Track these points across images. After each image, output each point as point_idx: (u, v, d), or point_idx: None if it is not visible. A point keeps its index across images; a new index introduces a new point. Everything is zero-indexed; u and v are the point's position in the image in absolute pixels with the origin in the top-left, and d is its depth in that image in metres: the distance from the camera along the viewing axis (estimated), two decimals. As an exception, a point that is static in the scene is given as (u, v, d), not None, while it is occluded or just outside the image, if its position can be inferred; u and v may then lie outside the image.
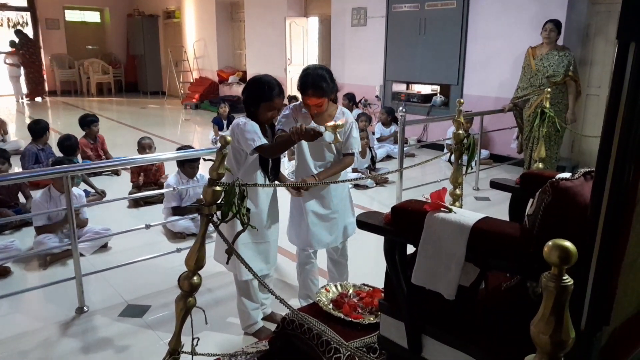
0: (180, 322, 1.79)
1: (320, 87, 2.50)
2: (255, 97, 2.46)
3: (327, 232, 2.75)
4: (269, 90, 2.45)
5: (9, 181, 3.89)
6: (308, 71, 2.58)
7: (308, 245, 2.76)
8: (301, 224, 2.74)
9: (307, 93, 2.52)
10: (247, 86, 2.52)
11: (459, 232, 1.33)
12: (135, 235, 3.78)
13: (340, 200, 2.77)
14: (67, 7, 14.32)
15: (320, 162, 2.70)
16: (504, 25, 6.57)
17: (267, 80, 2.48)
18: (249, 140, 2.35)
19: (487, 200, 5.19)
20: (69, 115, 11.06)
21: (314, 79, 2.51)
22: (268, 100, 2.44)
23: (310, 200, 2.70)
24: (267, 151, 2.41)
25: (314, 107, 2.57)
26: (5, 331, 2.80)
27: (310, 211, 2.70)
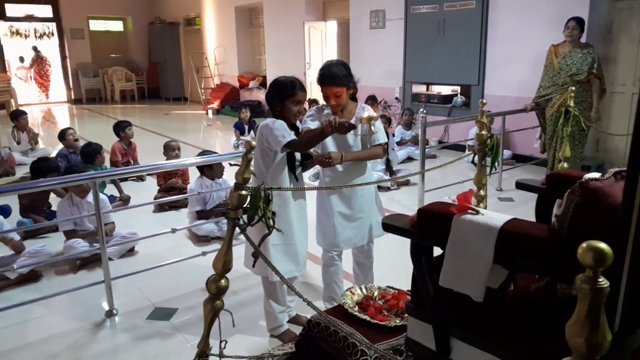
0: (208, 324, 1.81)
1: (336, 75, 2.56)
2: (280, 96, 2.52)
3: (354, 232, 2.76)
4: (291, 86, 2.52)
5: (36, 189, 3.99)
6: (325, 64, 2.69)
7: (335, 245, 2.77)
8: (327, 225, 2.76)
9: (325, 82, 2.58)
10: (270, 89, 2.58)
11: (487, 234, 1.32)
12: (161, 239, 3.85)
13: (367, 200, 2.78)
14: (91, 17, 14.65)
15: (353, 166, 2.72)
16: (524, 24, 6.49)
17: (286, 78, 2.57)
18: (278, 137, 2.39)
19: (511, 201, 5.14)
20: (94, 122, 11.31)
21: (330, 69, 2.60)
22: (292, 95, 2.50)
23: (337, 201, 2.72)
24: (298, 146, 2.45)
25: (333, 97, 2.59)
26: (36, 334, 2.88)
27: (337, 211, 2.71)
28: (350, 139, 2.68)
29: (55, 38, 14.39)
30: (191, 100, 13.62)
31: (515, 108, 5.84)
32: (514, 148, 6.84)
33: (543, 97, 5.23)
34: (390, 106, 8.35)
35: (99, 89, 14.74)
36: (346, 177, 2.72)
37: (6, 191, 3.39)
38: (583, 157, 5.22)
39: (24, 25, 14.01)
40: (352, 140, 2.69)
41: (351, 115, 2.69)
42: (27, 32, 14.13)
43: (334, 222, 2.71)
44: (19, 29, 13.96)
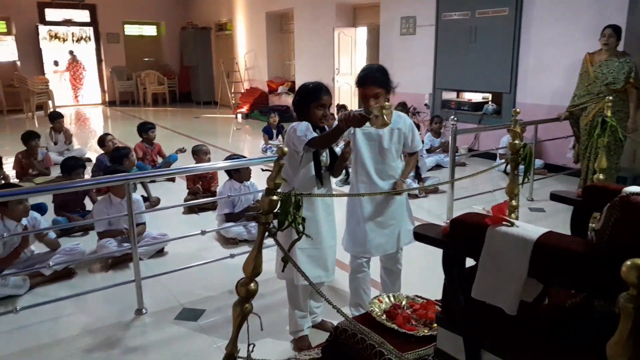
0: (237, 327, 1.82)
1: (377, 76, 2.57)
2: (304, 100, 2.56)
3: (385, 239, 2.75)
4: (315, 90, 2.55)
5: (74, 188, 4.12)
6: (365, 67, 2.70)
7: (366, 252, 2.77)
8: (358, 231, 2.75)
9: (366, 82, 2.56)
10: (296, 94, 2.64)
11: (522, 247, 1.30)
12: (190, 240, 3.91)
13: (398, 207, 2.78)
14: (126, 21, 15.02)
15: (380, 165, 2.71)
16: (559, 32, 6.37)
17: (311, 83, 2.61)
18: (301, 137, 2.41)
19: (542, 212, 5.03)
20: (126, 124, 11.57)
21: (372, 70, 2.62)
22: (316, 99, 2.53)
23: (369, 207, 2.71)
24: (318, 142, 2.45)
25: (373, 98, 2.57)
26: (69, 330, 2.95)
27: (368, 218, 2.71)
28: (385, 142, 2.67)
29: (92, 42, 14.80)
30: (221, 104, 13.80)
31: (548, 117, 5.73)
32: (545, 157, 6.70)
33: (577, 106, 5.12)
34: (420, 113, 8.29)
35: (132, 91, 15.09)
36: (380, 184, 2.71)
37: (44, 191, 3.51)
38: (619, 168, 5.09)
39: (62, 30, 14.46)
40: (386, 144, 2.68)
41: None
42: (65, 36, 14.58)
43: (365, 228, 2.71)
44: (57, 32, 14.41)
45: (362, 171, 2.72)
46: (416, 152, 2.89)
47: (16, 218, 3.44)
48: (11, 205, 3.38)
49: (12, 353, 2.71)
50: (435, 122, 7.10)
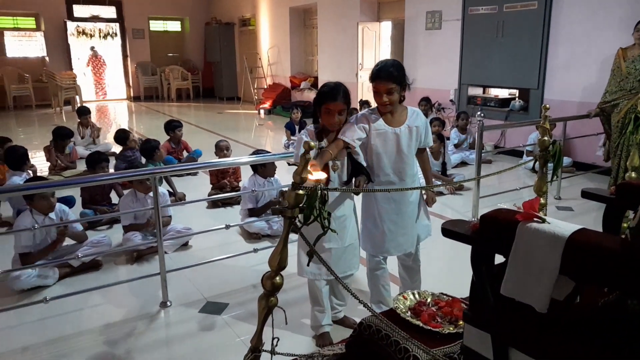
0: (262, 320, 1.83)
1: (390, 71, 2.51)
2: (316, 101, 2.54)
3: (404, 239, 2.73)
4: (325, 95, 2.48)
5: (102, 182, 4.19)
6: (381, 61, 2.65)
7: (385, 251, 2.74)
8: (376, 232, 2.72)
9: (378, 77, 2.53)
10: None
11: (553, 244, 1.27)
12: (213, 234, 3.94)
13: (414, 204, 2.75)
14: (151, 17, 15.20)
15: (398, 164, 2.66)
16: (590, 26, 6.21)
17: (326, 85, 2.54)
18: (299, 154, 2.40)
19: (570, 210, 4.92)
20: (151, 119, 11.73)
21: (385, 65, 2.56)
22: (324, 102, 2.48)
23: (387, 207, 2.68)
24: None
25: (385, 94, 2.53)
26: (95, 321, 3.00)
27: (387, 217, 2.68)
28: (404, 141, 2.62)
29: (118, 38, 15.03)
30: (244, 100, 13.88)
31: (577, 114, 5.60)
32: (574, 155, 6.56)
33: (609, 102, 4.98)
34: (445, 109, 8.20)
35: (157, 87, 15.27)
36: (399, 184, 2.68)
37: (71, 184, 3.58)
38: (651, 167, 4.94)
39: (89, 26, 14.72)
40: (405, 143, 2.63)
41: (402, 121, 2.63)
42: (92, 32, 14.84)
43: (383, 229, 2.68)
44: (84, 28, 14.68)
45: (379, 171, 2.66)
46: (426, 148, 2.84)
47: (42, 212, 3.51)
48: (36, 200, 3.45)
49: (41, 342, 2.77)
50: (461, 119, 7.00)
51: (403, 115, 2.65)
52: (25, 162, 4.72)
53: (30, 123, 11.21)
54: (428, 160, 2.90)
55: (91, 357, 2.64)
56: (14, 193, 3.92)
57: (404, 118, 2.64)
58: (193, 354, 2.65)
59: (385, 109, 2.60)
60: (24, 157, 4.69)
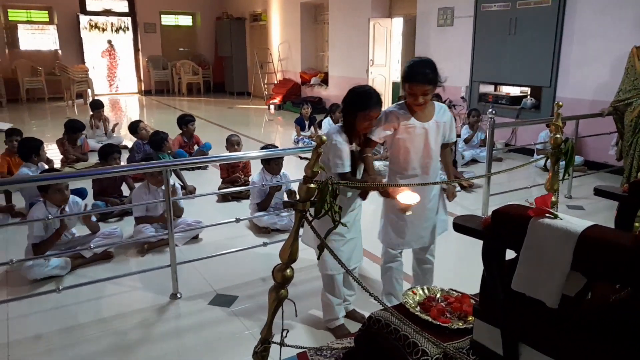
0: (272, 312, 1.84)
1: (429, 73, 2.49)
2: (353, 106, 2.51)
3: (425, 232, 2.75)
4: (366, 99, 2.48)
5: (114, 174, 4.24)
6: (415, 59, 2.59)
7: (406, 244, 2.75)
8: (398, 224, 2.72)
9: (416, 79, 2.48)
10: (347, 96, 2.56)
11: (565, 239, 1.27)
12: (223, 228, 3.96)
13: (436, 198, 2.77)
14: (163, 12, 15.26)
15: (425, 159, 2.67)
16: (604, 24, 6.15)
17: (364, 90, 2.54)
18: (338, 164, 2.49)
19: (581, 210, 4.89)
20: (161, 113, 11.80)
21: (422, 65, 2.51)
22: (364, 109, 2.47)
23: None
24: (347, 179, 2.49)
25: (422, 96, 2.51)
26: (107, 311, 3.05)
27: (411, 210, 2.68)
28: (432, 136, 2.62)
29: (130, 32, 15.11)
30: (254, 95, 13.90)
31: (590, 112, 5.55)
32: (585, 154, 6.51)
33: (622, 101, 4.93)
34: (456, 106, 8.16)
35: (167, 81, 15.34)
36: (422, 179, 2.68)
37: (83, 175, 3.62)
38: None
39: (102, 19, 14.81)
40: (432, 138, 2.63)
41: (430, 117, 2.64)
42: (104, 26, 14.94)
43: (406, 221, 2.68)
44: (97, 22, 14.78)
45: (406, 165, 2.66)
46: (450, 143, 2.85)
47: (56, 204, 3.56)
48: (51, 192, 3.49)
49: (54, 331, 2.82)
50: (472, 116, 6.97)
51: (431, 111, 2.66)
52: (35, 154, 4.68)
53: (42, 116, 11.32)
54: (450, 156, 2.91)
55: (102, 346, 2.67)
56: (26, 184, 3.98)
57: (432, 113, 2.65)
58: (202, 345, 2.68)
59: (420, 109, 2.60)
60: (34, 148, 4.70)
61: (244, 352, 2.52)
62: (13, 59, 13.10)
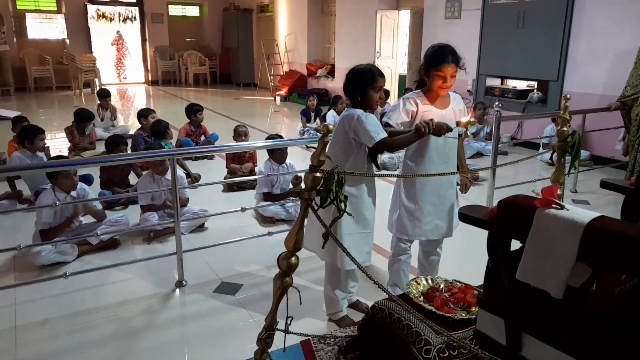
0: (277, 300, 1.86)
1: (457, 55, 2.50)
2: (361, 83, 2.47)
3: (442, 221, 2.74)
4: (371, 73, 2.47)
5: (120, 162, 4.26)
6: (437, 44, 2.59)
7: (422, 234, 2.74)
8: (415, 214, 2.70)
9: (446, 60, 2.48)
10: (348, 78, 2.52)
11: (572, 230, 1.27)
12: (229, 217, 3.98)
13: (452, 188, 2.76)
14: (170, 2, 15.24)
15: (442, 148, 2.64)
16: (614, 18, 6.09)
17: (364, 66, 2.52)
18: (372, 132, 2.35)
19: (587, 204, 4.88)
20: (168, 103, 11.81)
21: (449, 47, 2.52)
22: (373, 82, 2.45)
23: (428, 189, 2.68)
24: (388, 146, 2.42)
25: (450, 77, 2.51)
26: (112, 297, 3.07)
27: (427, 199, 2.68)
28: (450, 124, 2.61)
29: (137, 22, 15.10)
30: (260, 87, 13.89)
31: (597, 107, 5.52)
32: (592, 149, 6.48)
33: (630, 96, 4.91)
34: (462, 99, 8.13)
35: (174, 71, 15.33)
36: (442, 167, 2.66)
37: (91, 163, 3.64)
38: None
39: (109, 9, 14.81)
40: (452, 141, 2.62)
41: (446, 105, 2.64)
42: (112, 16, 14.93)
43: (423, 210, 2.68)
44: (105, 12, 14.77)
45: (424, 153, 2.64)
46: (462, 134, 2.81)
47: (65, 190, 3.59)
48: (60, 178, 3.52)
49: (60, 316, 2.85)
50: (478, 109, 6.94)
51: (447, 99, 2.67)
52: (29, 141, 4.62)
53: (50, 104, 11.36)
54: (462, 146, 2.88)
55: (108, 331, 2.70)
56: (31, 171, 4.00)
57: (448, 101, 2.67)
58: (207, 332, 2.70)
59: (445, 92, 2.61)
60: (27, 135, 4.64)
61: (247, 340, 2.54)
62: (21, 47, 13.13)
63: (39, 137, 4.68)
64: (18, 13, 13.33)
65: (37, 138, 4.67)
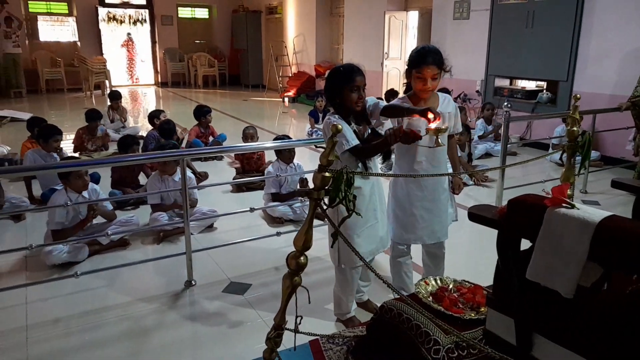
0: (286, 299, 1.86)
1: (438, 57, 2.47)
2: (338, 83, 2.43)
3: (438, 226, 2.72)
4: (348, 72, 2.41)
5: (130, 162, 4.29)
6: (421, 46, 2.58)
7: (417, 239, 2.73)
8: (407, 219, 2.70)
9: (427, 60, 2.45)
10: (327, 79, 2.50)
11: (582, 229, 1.27)
12: (237, 217, 4.00)
13: (445, 191, 2.74)
14: (180, 4, 15.33)
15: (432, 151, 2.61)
16: (625, 16, 6.04)
17: (343, 66, 2.49)
18: (342, 141, 2.33)
19: (597, 205, 4.83)
20: (177, 104, 11.87)
21: (431, 48, 2.50)
22: (349, 81, 2.39)
23: (421, 194, 2.67)
24: (360, 153, 2.40)
25: (431, 79, 2.49)
26: (122, 297, 3.09)
27: (419, 204, 2.67)
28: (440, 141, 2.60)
29: (147, 24, 15.20)
30: (269, 88, 13.92)
31: (608, 106, 5.47)
32: (602, 149, 6.42)
33: (639, 96, 4.86)
34: (471, 99, 8.11)
35: (184, 73, 15.42)
36: (431, 171, 2.65)
37: (102, 163, 3.67)
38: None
39: (120, 12, 14.93)
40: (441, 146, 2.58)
41: (434, 108, 2.62)
42: (122, 18, 15.05)
43: (416, 215, 2.67)
44: (115, 14, 14.90)
45: (412, 158, 2.64)
46: (456, 134, 2.81)
47: (77, 190, 3.62)
48: (72, 178, 3.56)
49: (71, 315, 2.87)
50: (487, 109, 6.92)
51: (435, 102, 2.63)
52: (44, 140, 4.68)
53: (62, 106, 11.46)
54: (456, 147, 2.88)
55: (118, 330, 2.72)
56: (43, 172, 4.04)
57: (436, 104, 2.62)
58: (216, 331, 2.71)
59: (426, 95, 2.58)
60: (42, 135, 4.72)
61: (256, 339, 2.54)
62: (33, 50, 13.27)
63: (54, 138, 4.74)
64: (30, 16, 13.47)
65: (52, 139, 4.73)
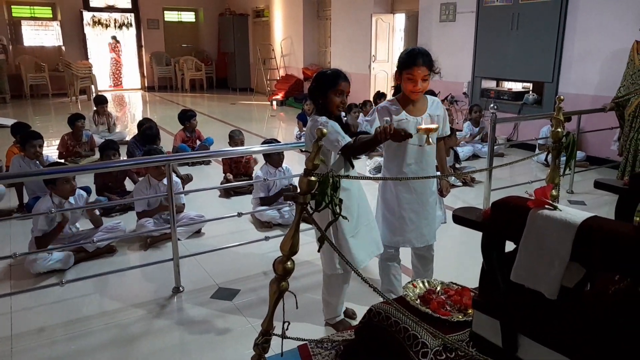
0: (273, 304, 1.86)
1: (428, 58, 2.47)
2: (321, 87, 2.45)
3: (427, 230, 2.73)
4: (334, 76, 2.44)
5: (115, 168, 4.25)
6: (410, 47, 2.58)
7: (406, 242, 2.74)
8: (395, 222, 2.71)
9: (416, 62, 2.45)
10: (313, 81, 2.52)
11: (565, 230, 1.28)
12: (225, 222, 3.99)
13: (435, 194, 2.75)
14: (166, 8, 15.25)
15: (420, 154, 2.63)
16: (608, 18, 6.13)
17: (329, 70, 2.51)
18: (333, 142, 2.34)
19: (583, 205, 4.89)
20: (164, 109, 11.80)
21: (421, 50, 2.49)
22: (334, 85, 2.42)
23: (409, 197, 2.67)
24: (351, 151, 2.39)
25: (421, 81, 2.48)
26: (109, 304, 3.06)
27: (408, 207, 2.67)
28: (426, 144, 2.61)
29: (133, 28, 15.11)
30: (257, 91, 13.91)
31: (592, 107, 5.54)
32: (587, 149, 6.50)
33: (622, 97, 4.93)
34: (458, 101, 8.16)
35: (171, 77, 15.33)
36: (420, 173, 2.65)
37: (86, 169, 3.64)
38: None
39: (105, 16, 14.83)
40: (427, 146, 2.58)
41: (423, 110, 2.63)
42: (107, 22, 14.95)
43: (405, 218, 2.67)
44: (100, 18, 14.79)
45: (401, 161, 2.64)
46: (444, 137, 2.82)
47: (64, 196, 3.58)
48: (59, 184, 3.52)
49: (57, 323, 2.84)
50: (474, 111, 6.97)
51: (424, 104, 2.64)
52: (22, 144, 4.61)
53: (46, 111, 11.35)
54: (444, 149, 2.89)
55: (105, 339, 2.69)
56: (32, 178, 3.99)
57: (425, 107, 2.64)
58: (205, 338, 2.69)
59: (417, 96, 2.57)
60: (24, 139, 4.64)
61: (245, 345, 2.53)
62: (17, 55, 13.12)
63: (30, 143, 4.55)
64: (14, 20, 13.33)
65: (29, 144, 4.56)
